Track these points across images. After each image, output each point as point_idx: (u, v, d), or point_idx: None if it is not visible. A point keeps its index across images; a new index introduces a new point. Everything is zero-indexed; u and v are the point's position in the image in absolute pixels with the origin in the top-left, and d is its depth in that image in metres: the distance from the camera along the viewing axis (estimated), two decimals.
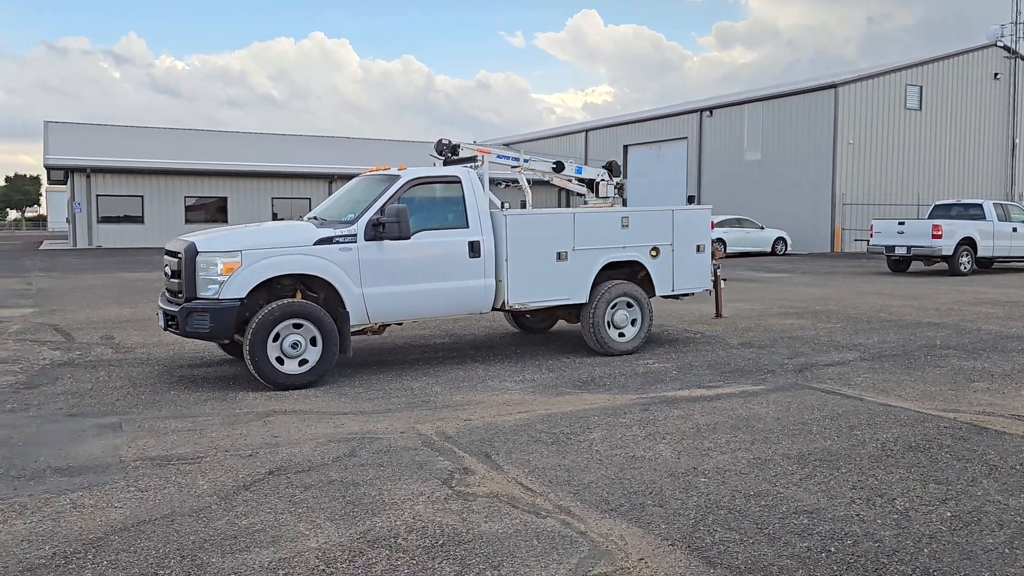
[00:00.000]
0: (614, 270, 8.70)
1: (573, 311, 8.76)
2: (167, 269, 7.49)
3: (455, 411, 6.18)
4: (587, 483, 4.50)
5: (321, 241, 7.18)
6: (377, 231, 7.31)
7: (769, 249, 29.48)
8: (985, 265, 21.23)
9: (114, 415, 6.08)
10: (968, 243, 20.04)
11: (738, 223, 29.13)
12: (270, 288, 7.16)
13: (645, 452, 5.07)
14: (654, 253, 8.79)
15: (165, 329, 7.30)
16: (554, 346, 9.17)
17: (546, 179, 10.03)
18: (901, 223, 20.76)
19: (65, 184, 38.67)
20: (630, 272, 8.86)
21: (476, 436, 5.46)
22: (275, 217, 38.19)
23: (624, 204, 10.12)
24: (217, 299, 6.87)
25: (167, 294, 7.51)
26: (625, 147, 42.23)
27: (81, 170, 34.91)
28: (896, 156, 33.24)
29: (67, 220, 37.83)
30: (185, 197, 37.43)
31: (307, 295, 7.32)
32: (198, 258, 6.95)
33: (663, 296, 9.08)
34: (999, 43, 35.26)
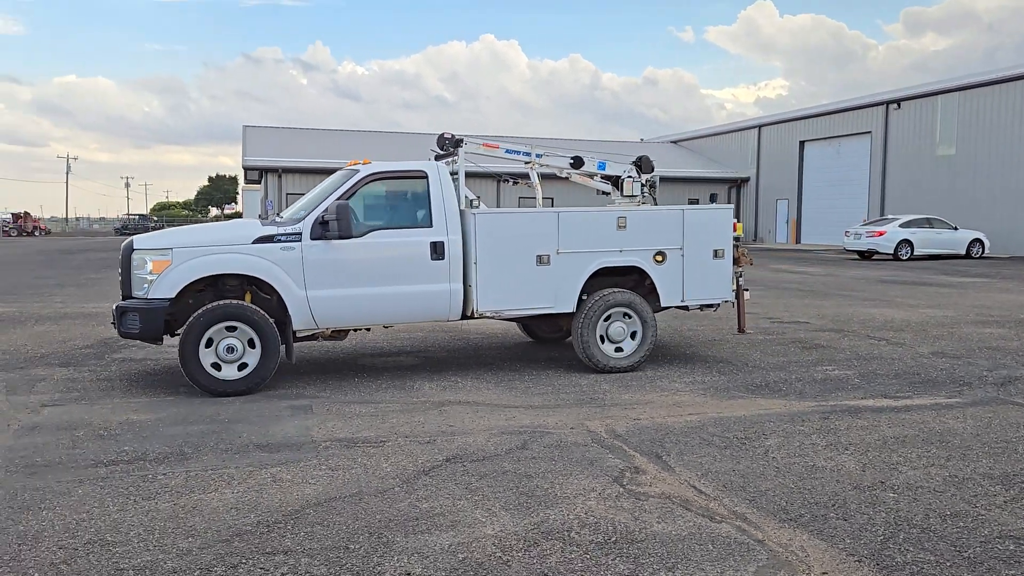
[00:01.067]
0: (612, 277, 7.81)
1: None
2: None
3: (624, 410, 6.16)
4: (764, 490, 4.36)
5: (261, 239, 6.76)
6: (323, 230, 6.80)
7: (963, 252, 27.15)
8: None
9: (305, 398, 6.54)
10: None
11: (927, 223, 27.05)
12: (216, 289, 6.89)
13: (826, 462, 4.83)
14: (659, 258, 7.72)
15: (113, 325, 6.96)
16: (726, 348, 8.92)
17: (563, 175, 9.14)
18: None
19: (259, 183, 41.94)
20: (631, 280, 7.92)
21: (646, 436, 5.42)
22: None
23: (655, 203, 9.00)
24: (147, 299, 6.60)
25: None
26: (801, 143, 40.30)
27: (273, 170, 37.72)
28: None
29: (259, 217, 41.04)
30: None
31: (257, 297, 6.92)
32: (133, 255, 6.71)
33: (672, 307, 8.03)
34: None
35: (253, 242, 6.75)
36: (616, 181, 8.94)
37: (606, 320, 7.58)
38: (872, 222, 28.21)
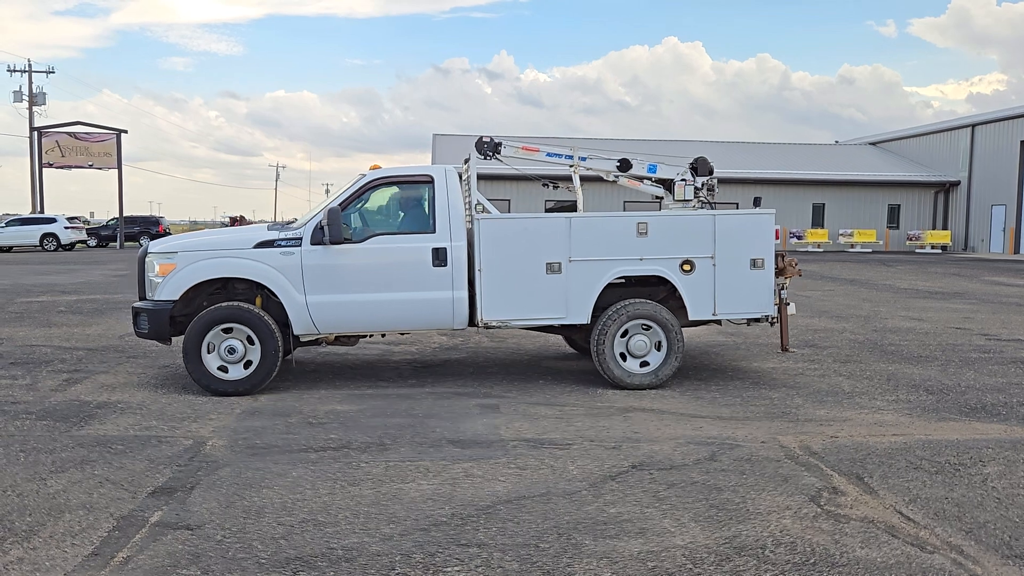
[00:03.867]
0: (636, 288, 7.37)
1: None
2: None
3: (819, 426, 5.86)
4: (983, 522, 3.99)
5: (261, 244, 6.85)
6: (322, 235, 6.79)
7: None
8: None
9: (493, 397, 6.74)
10: None
11: None
12: (226, 292, 7.04)
13: None
14: (687, 267, 7.16)
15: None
16: (933, 366, 8.25)
17: (610, 179, 8.59)
18: None
19: None
20: (660, 291, 7.40)
21: (844, 455, 5.12)
22: None
23: (712, 207, 8.27)
24: (154, 300, 6.86)
25: None
26: (1022, 143, 36.50)
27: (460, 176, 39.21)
28: None
29: None
30: (545, 201, 40.14)
31: (269, 302, 6.97)
32: (146, 259, 7.02)
33: (701, 321, 7.42)
34: None
35: (254, 247, 6.86)
36: (669, 185, 8.43)
37: (624, 335, 7.14)
38: None
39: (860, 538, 3.79)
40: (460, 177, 7.64)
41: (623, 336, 7.15)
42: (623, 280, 7.31)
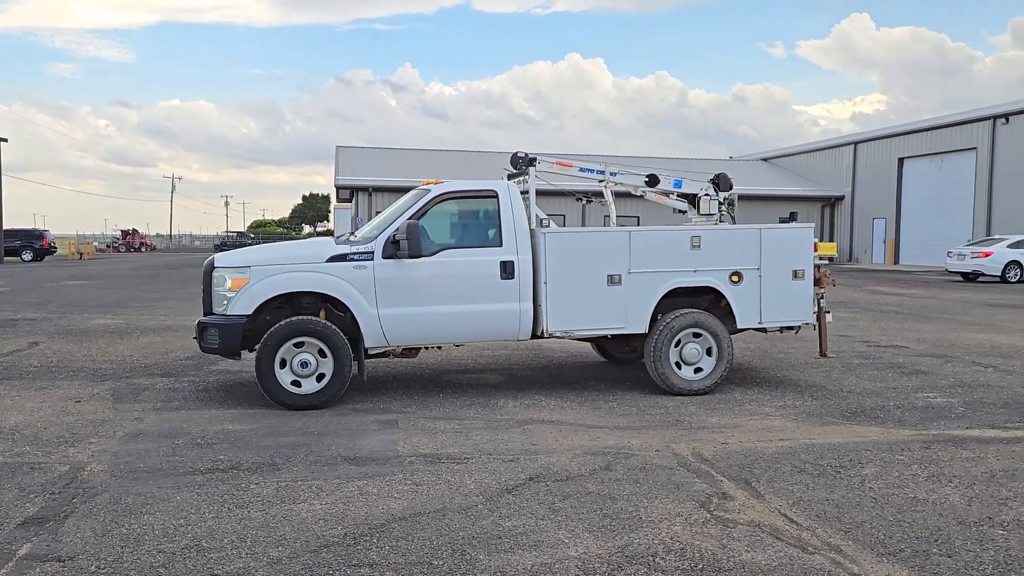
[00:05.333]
0: (686, 297, 7.61)
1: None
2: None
3: (711, 433, 6.02)
4: (860, 522, 4.17)
5: (334, 258, 6.89)
6: (395, 249, 6.88)
7: None
8: None
9: (391, 413, 6.64)
10: None
11: None
12: (292, 306, 7.03)
13: (928, 495, 4.60)
14: (735, 279, 7.49)
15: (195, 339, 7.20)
16: (817, 372, 8.63)
17: (639, 194, 8.94)
18: None
19: (350, 202, 43.12)
20: (707, 300, 7.70)
21: (734, 461, 5.28)
22: None
23: (733, 221, 8.78)
24: (225, 315, 6.81)
25: None
26: (900, 160, 38.81)
27: (364, 189, 38.73)
28: None
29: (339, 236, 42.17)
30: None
31: (332, 315, 7.01)
32: (214, 273, 6.95)
33: (748, 329, 7.75)
34: None
35: (326, 261, 6.87)
36: (693, 199, 8.76)
37: (676, 345, 7.39)
38: (977, 242, 26.84)
39: (746, 542, 3.90)
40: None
41: (676, 345, 7.40)
42: (672, 290, 7.50)
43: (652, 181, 8.77)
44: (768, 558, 3.71)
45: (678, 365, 7.41)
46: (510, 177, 8.50)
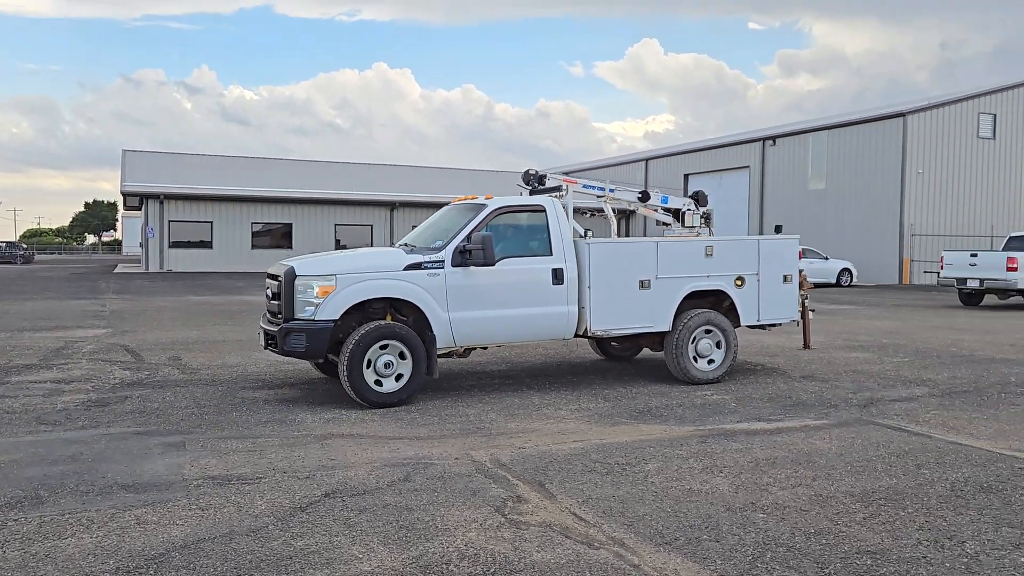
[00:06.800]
0: (698, 299, 8.67)
1: (656, 339, 8.82)
2: (268, 291, 7.87)
3: (510, 438, 6.17)
4: (642, 515, 4.43)
5: (411, 267, 7.44)
6: (463, 258, 7.53)
7: (834, 280, 28.82)
8: None
9: (178, 434, 6.24)
10: None
11: (800, 253, 28.67)
12: (362, 311, 7.43)
13: (702, 485, 4.97)
14: (739, 283, 8.72)
15: (265, 348, 7.69)
16: (611, 376, 9.10)
17: (632, 208, 10.13)
18: (974, 255, 20.10)
19: (140, 210, 40.21)
20: (714, 301, 8.82)
21: (530, 464, 5.44)
22: (338, 244, 38.96)
23: (711, 233, 10.08)
24: (313, 320, 7.18)
25: (268, 315, 7.91)
26: (686, 176, 41.94)
27: (155, 196, 36.24)
28: (968, 186, 32.27)
29: (140, 245, 39.27)
30: (252, 223, 38.50)
31: (396, 318, 7.55)
32: (296, 281, 7.29)
33: (749, 326, 8.97)
34: None
35: (404, 269, 7.43)
36: (677, 213, 9.94)
37: (695, 337, 8.44)
38: None
39: (538, 542, 4.03)
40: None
41: (692, 341, 8.43)
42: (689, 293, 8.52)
43: (644, 197, 9.85)
44: (557, 556, 3.85)
45: (694, 358, 8.44)
46: (532, 192, 9.43)
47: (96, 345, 11.35)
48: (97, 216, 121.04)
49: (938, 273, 21.25)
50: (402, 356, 7.27)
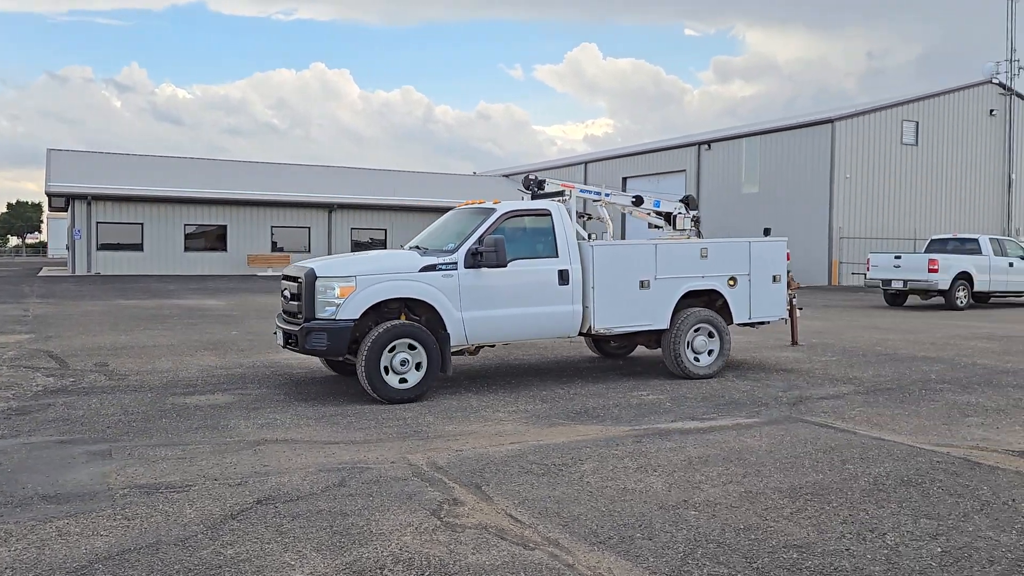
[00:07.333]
0: (694, 298, 9.06)
1: (652, 337, 9.23)
2: (286, 292, 8.09)
3: (447, 441, 6.15)
4: (577, 515, 4.47)
5: (426, 268, 7.76)
6: (476, 259, 7.85)
7: None
8: (982, 300, 21.24)
9: (104, 442, 6.05)
10: (964, 278, 20.09)
11: None
12: (378, 311, 7.67)
13: (636, 484, 5.04)
14: (732, 283, 9.14)
15: (284, 347, 7.94)
16: (549, 377, 9.16)
17: (626, 212, 10.60)
18: (898, 257, 20.84)
19: (66, 211, 38.85)
20: (709, 300, 9.20)
21: (467, 467, 5.43)
22: (274, 247, 38.30)
23: (700, 236, 10.59)
24: (334, 319, 7.44)
25: (284, 315, 8.19)
26: (624, 179, 42.47)
27: (82, 197, 35.06)
28: (893, 190, 33.45)
29: (67, 247, 37.94)
30: (185, 225, 37.55)
31: (410, 317, 7.82)
32: (317, 282, 7.54)
33: (740, 324, 9.36)
34: (994, 80, 35.62)
35: (420, 270, 7.73)
36: (668, 216, 10.40)
37: (692, 334, 8.86)
38: None
39: (473, 544, 4.03)
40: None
41: (692, 335, 8.86)
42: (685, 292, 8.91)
43: (638, 201, 10.30)
44: (492, 559, 3.85)
45: (691, 355, 8.88)
46: (534, 197, 9.75)
47: (18, 351, 10.92)
48: (21, 217, 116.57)
49: (865, 275, 21.97)
50: (416, 353, 7.55)
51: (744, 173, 36.12)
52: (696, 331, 8.94)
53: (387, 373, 7.51)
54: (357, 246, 39.58)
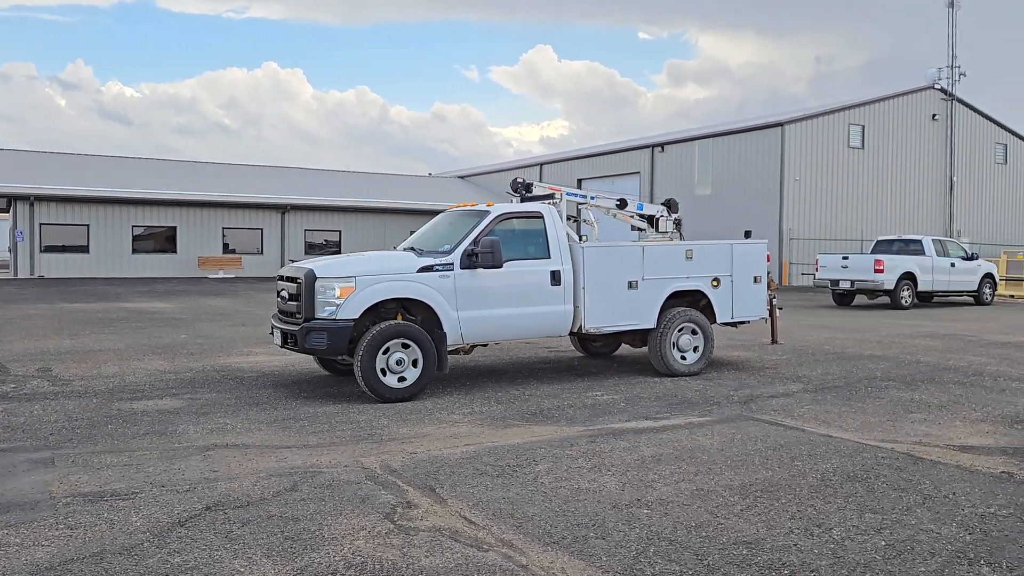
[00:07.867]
0: (679, 298, 9.33)
1: (638, 336, 9.50)
2: (284, 293, 8.19)
3: (401, 444, 6.11)
4: (531, 516, 4.48)
5: (423, 269, 7.93)
6: (472, 260, 8.02)
7: None
8: (925, 299, 21.85)
9: (47, 450, 5.88)
10: (909, 278, 20.63)
11: None
12: (374, 311, 7.78)
13: (590, 484, 5.07)
14: (715, 283, 9.44)
15: (282, 346, 8.02)
16: (504, 378, 9.16)
17: (611, 215, 10.85)
18: (845, 258, 21.32)
19: (7, 212, 37.70)
20: (693, 301, 9.49)
21: (421, 469, 5.41)
22: (226, 249, 37.67)
23: (682, 238, 10.87)
24: (334, 319, 7.57)
25: (280, 315, 8.35)
26: (579, 181, 42.68)
27: (24, 198, 34.06)
28: (840, 193, 34.19)
29: (8, 250, 36.81)
30: (133, 226, 36.71)
31: (406, 317, 7.96)
32: (316, 283, 7.66)
33: (723, 323, 9.65)
34: (936, 85, 36.67)
35: (417, 271, 7.87)
36: (651, 219, 10.65)
37: (677, 333, 9.12)
38: None
39: (426, 547, 4.01)
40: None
41: (677, 333, 9.13)
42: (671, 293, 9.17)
43: (622, 204, 10.60)
44: (446, 561, 3.84)
45: (676, 353, 9.14)
46: (523, 200, 9.83)
47: None
48: None
49: (813, 275, 22.43)
50: (411, 351, 7.68)
51: (697, 175, 36.60)
52: (681, 330, 9.19)
53: (384, 374, 7.61)
54: (311, 248, 39.14)
